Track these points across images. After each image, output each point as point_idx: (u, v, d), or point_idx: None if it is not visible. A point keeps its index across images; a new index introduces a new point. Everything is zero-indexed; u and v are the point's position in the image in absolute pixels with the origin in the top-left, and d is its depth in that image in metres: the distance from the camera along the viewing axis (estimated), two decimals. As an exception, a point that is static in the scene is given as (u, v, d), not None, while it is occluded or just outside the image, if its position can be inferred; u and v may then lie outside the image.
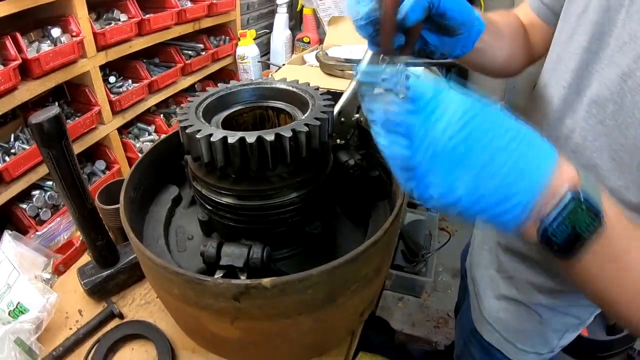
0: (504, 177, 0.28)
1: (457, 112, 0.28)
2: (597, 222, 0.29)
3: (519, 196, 0.28)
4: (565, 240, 0.29)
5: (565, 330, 0.67)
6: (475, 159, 0.28)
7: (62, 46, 0.78)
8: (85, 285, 0.64)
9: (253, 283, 0.38)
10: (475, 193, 0.29)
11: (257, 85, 0.56)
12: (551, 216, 0.28)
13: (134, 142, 1.00)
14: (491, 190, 0.29)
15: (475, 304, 0.77)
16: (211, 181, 0.48)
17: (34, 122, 0.51)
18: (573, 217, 0.28)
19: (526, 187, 0.28)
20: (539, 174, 0.29)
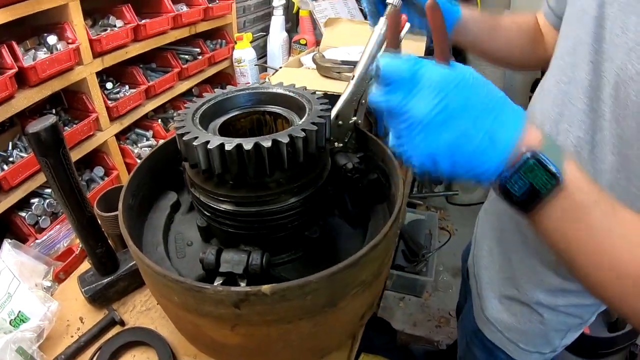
0: (476, 148, 0.32)
1: (434, 86, 0.32)
2: (553, 180, 0.32)
3: (488, 163, 0.33)
4: (523, 194, 0.33)
5: (568, 330, 0.67)
6: (451, 131, 0.32)
7: (59, 53, 0.78)
8: (85, 293, 0.64)
9: (253, 290, 0.38)
10: (450, 162, 0.33)
11: (253, 90, 0.56)
12: (510, 172, 0.32)
13: (132, 147, 1.00)
14: (463, 159, 0.33)
15: (478, 304, 0.77)
16: (209, 188, 0.48)
17: (31, 132, 0.51)
18: (530, 174, 0.32)
19: (495, 155, 0.32)
20: (506, 142, 0.32)
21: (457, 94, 0.32)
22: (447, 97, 0.31)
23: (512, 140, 0.33)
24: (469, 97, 0.32)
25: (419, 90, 0.32)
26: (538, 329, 0.66)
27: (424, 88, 0.32)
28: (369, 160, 0.63)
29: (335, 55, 1.04)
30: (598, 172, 0.48)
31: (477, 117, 0.32)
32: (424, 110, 0.32)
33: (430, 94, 0.32)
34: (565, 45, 0.53)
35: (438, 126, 0.32)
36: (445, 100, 0.31)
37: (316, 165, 0.50)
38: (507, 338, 0.71)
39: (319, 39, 1.42)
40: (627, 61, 0.41)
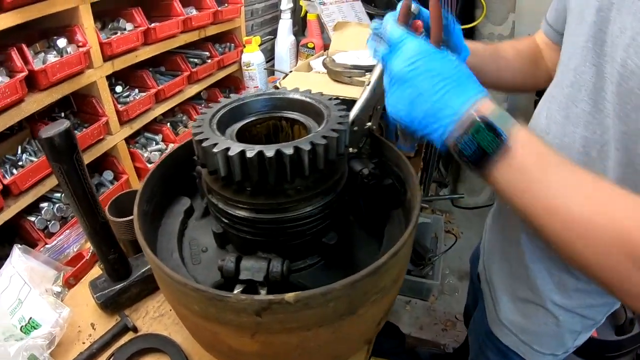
0: (430, 107, 0.39)
1: (410, 53, 0.41)
2: (499, 142, 0.36)
3: (438, 122, 0.39)
4: (473, 154, 0.37)
5: (580, 332, 0.67)
6: (413, 89, 0.40)
7: (69, 57, 0.77)
8: (98, 299, 0.64)
9: (276, 299, 0.38)
10: (410, 115, 0.41)
11: (270, 96, 0.56)
12: (460, 134, 0.38)
13: (141, 151, 1.00)
14: (421, 115, 0.40)
15: (491, 307, 0.77)
16: (227, 194, 0.48)
17: (44, 137, 0.51)
18: (477, 136, 0.37)
19: (445, 116, 0.39)
20: (458, 106, 0.38)
21: (425, 62, 0.40)
22: (416, 62, 0.40)
23: (464, 105, 0.38)
24: (435, 67, 0.40)
25: (400, 53, 0.41)
26: (552, 330, 0.67)
27: (404, 52, 0.41)
28: (383, 166, 0.63)
29: (345, 60, 1.04)
30: (608, 169, 0.49)
31: (437, 83, 0.39)
32: (396, 67, 0.41)
33: (405, 56, 0.41)
34: (568, 52, 0.55)
35: (404, 82, 0.41)
36: (415, 64, 0.40)
37: (335, 172, 0.50)
38: (521, 340, 0.71)
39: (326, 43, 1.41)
40: (627, 57, 0.43)
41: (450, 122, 0.39)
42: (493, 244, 0.78)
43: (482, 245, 0.88)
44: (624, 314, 1.27)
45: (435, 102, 0.39)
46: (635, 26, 0.42)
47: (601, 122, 0.49)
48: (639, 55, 0.41)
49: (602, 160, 0.50)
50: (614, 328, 1.29)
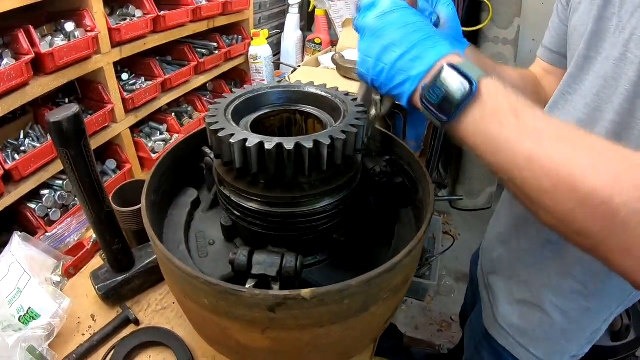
0: (400, 57, 0.38)
1: (385, 4, 0.41)
2: (467, 85, 0.34)
3: (408, 73, 0.38)
4: (440, 100, 0.36)
5: (579, 342, 0.67)
6: (383, 38, 0.39)
7: (77, 41, 0.75)
8: (99, 290, 0.63)
9: (292, 294, 0.37)
10: (377, 66, 0.40)
11: (285, 88, 0.55)
12: (427, 82, 0.37)
13: (145, 141, 0.98)
14: (389, 66, 0.39)
15: (489, 309, 0.78)
16: (241, 186, 0.47)
17: (52, 121, 0.49)
18: (445, 82, 0.35)
19: (415, 66, 0.37)
20: (428, 59, 0.37)
21: (400, 14, 0.40)
22: (392, 12, 0.40)
23: (434, 58, 0.37)
24: (409, 20, 0.39)
25: (375, 6, 0.41)
26: (549, 334, 0.67)
27: (379, 5, 0.41)
28: (394, 164, 0.62)
29: (354, 56, 1.03)
30: None
31: (410, 34, 0.38)
32: (370, 17, 0.41)
33: (380, 8, 0.41)
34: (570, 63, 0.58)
35: (375, 31, 0.40)
36: (389, 14, 0.40)
37: (351, 168, 0.49)
38: (517, 342, 0.71)
39: (333, 39, 1.41)
40: (627, 50, 0.46)
41: (420, 73, 0.37)
42: (491, 247, 0.79)
43: (482, 249, 0.89)
44: (620, 320, 1.28)
45: (405, 52, 0.38)
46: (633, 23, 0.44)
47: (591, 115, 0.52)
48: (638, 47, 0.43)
49: None
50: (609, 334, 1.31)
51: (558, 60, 0.70)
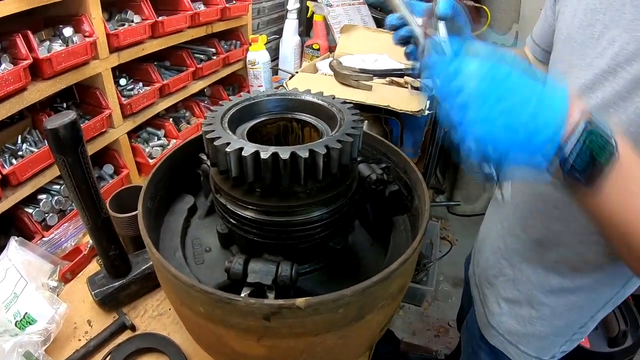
0: (532, 111, 0.32)
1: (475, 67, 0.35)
2: (610, 145, 0.32)
3: (547, 128, 0.32)
4: (585, 166, 0.32)
5: (567, 338, 0.69)
6: (502, 101, 0.33)
7: (75, 46, 0.76)
8: (96, 296, 0.63)
9: (287, 303, 0.37)
10: (507, 134, 0.33)
11: (282, 96, 0.56)
12: (571, 143, 0.32)
13: (143, 146, 0.98)
14: (521, 127, 0.32)
15: (481, 309, 0.80)
16: (237, 195, 0.47)
17: (49, 128, 0.49)
18: (589, 143, 0.32)
19: (551, 121, 0.32)
20: (559, 103, 0.33)
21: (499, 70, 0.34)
22: (491, 72, 0.34)
23: (564, 101, 0.33)
24: (509, 71, 0.34)
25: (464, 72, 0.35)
26: (538, 330, 0.69)
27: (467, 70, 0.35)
28: (390, 171, 0.63)
29: (351, 63, 1.04)
30: None
31: (523, 85, 0.34)
32: (474, 84, 0.34)
33: (473, 73, 0.35)
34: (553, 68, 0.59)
35: (486, 97, 0.34)
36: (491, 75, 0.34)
37: (347, 177, 0.50)
38: (507, 341, 0.73)
39: (331, 45, 1.41)
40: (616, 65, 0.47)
41: (559, 124, 0.32)
42: (481, 247, 0.81)
43: (473, 250, 0.90)
44: (617, 325, 1.28)
45: (535, 105, 0.33)
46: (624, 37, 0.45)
47: None
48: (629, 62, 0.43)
49: None
50: (606, 340, 1.31)
51: (540, 53, 0.71)
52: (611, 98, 0.48)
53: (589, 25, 0.52)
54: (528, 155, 0.33)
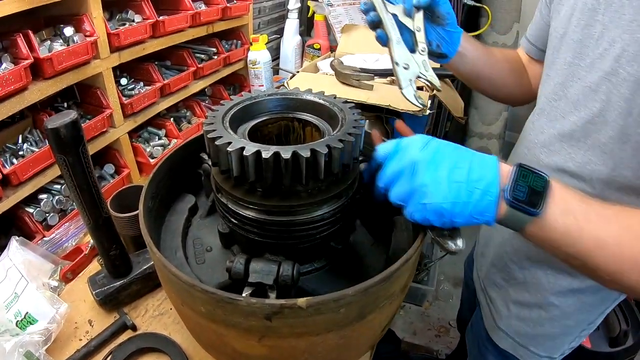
0: (470, 170, 0.38)
1: (418, 139, 0.41)
2: (543, 177, 0.39)
3: (486, 179, 0.38)
4: (526, 195, 0.38)
5: (577, 334, 0.69)
6: (445, 162, 0.39)
7: (76, 46, 0.76)
8: (97, 296, 0.63)
9: (288, 303, 0.37)
10: (453, 185, 0.38)
11: (283, 96, 0.56)
12: (510, 182, 0.38)
13: (144, 146, 0.98)
14: (464, 180, 0.38)
15: (488, 313, 0.79)
16: (238, 194, 0.47)
17: (50, 127, 0.49)
18: (525, 178, 0.38)
19: (487, 173, 0.38)
20: (491, 164, 0.39)
21: (437, 143, 0.41)
22: (430, 144, 0.41)
23: (494, 162, 0.39)
24: (447, 144, 0.41)
25: (408, 147, 0.41)
26: (548, 331, 0.69)
27: (411, 145, 0.41)
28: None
29: (352, 62, 1.03)
30: None
31: (460, 152, 0.40)
32: (413, 154, 0.40)
33: (415, 146, 0.41)
34: (551, 66, 0.59)
35: (432, 161, 0.39)
36: (431, 145, 0.40)
37: (349, 176, 0.49)
38: (517, 343, 0.73)
39: (332, 45, 1.41)
40: (618, 66, 0.47)
41: (494, 177, 0.38)
42: (485, 251, 0.80)
43: (475, 254, 0.89)
44: (618, 325, 1.28)
45: (472, 165, 0.39)
46: (625, 38, 0.46)
47: (584, 127, 0.54)
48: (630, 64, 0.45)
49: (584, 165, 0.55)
50: (607, 340, 1.31)
51: (535, 52, 0.72)
52: (615, 100, 0.48)
53: (587, 24, 0.52)
54: (476, 203, 0.38)
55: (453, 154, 0.40)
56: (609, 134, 0.50)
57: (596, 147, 0.53)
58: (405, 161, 0.40)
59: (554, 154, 0.59)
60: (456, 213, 0.39)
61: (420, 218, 0.40)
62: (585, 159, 0.54)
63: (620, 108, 0.48)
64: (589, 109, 0.52)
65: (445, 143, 0.41)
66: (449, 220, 0.39)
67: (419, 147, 0.40)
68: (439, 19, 0.62)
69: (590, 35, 0.51)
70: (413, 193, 0.40)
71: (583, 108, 0.53)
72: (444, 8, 0.60)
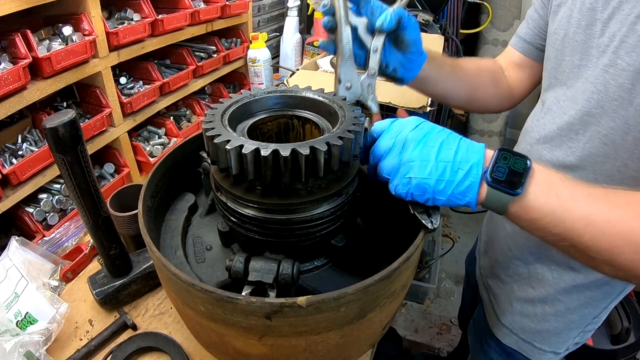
0: (457, 150, 0.40)
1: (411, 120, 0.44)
2: (523, 159, 0.39)
3: (470, 161, 0.40)
4: (506, 175, 0.39)
5: (581, 329, 0.69)
6: (432, 142, 0.41)
7: (74, 45, 0.75)
8: (97, 295, 0.62)
9: (288, 302, 0.37)
10: (440, 164, 0.40)
11: (282, 93, 0.55)
12: (490, 164, 0.39)
13: (144, 145, 0.98)
14: (451, 160, 0.40)
15: (491, 310, 0.79)
16: (237, 193, 0.47)
17: (48, 127, 0.49)
18: (505, 160, 0.39)
19: (473, 155, 0.40)
20: (477, 147, 0.41)
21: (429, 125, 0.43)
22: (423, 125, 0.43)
23: (480, 146, 0.41)
24: (438, 127, 0.43)
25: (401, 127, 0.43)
26: (553, 326, 0.69)
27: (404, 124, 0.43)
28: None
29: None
30: None
31: (449, 135, 0.42)
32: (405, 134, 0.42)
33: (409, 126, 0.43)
34: (557, 68, 0.59)
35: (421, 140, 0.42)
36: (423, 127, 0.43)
37: (348, 174, 0.49)
38: (522, 339, 0.73)
39: (332, 42, 1.40)
40: (617, 57, 0.48)
41: (479, 159, 0.40)
42: (488, 249, 0.80)
43: (478, 252, 0.89)
44: (620, 323, 1.28)
45: (459, 147, 0.40)
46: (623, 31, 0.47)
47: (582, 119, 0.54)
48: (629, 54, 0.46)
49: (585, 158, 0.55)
50: (609, 337, 1.30)
51: (531, 52, 0.71)
52: (613, 90, 0.48)
53: (588, 24, 0.52)
54: (459, 183, 0.40)
55: (442, 135, 0.42)
56: (609, 125, 0.50)
57: (595, 139, 0.52)
58: (396, 137, 0.43)
59: (555, 149, 0.59)
60: (439, 190, 0.40)
61: (404, 192, 0.42)
62: (586, 152, 0.54)
63: (621, 98, 0.48)
64: (587, 102, 0.52)
65: (437, 126, 0.43)
66: (431, 196, 0.41)
67: (411, 126, 0.42)
68: (402, 44, 0.58)
69: (593, 35, 0.51)
70: (400, 167, 0.42)
71: (580, 101, 0.53)
72: (411, 35, 0.56)
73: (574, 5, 0.54)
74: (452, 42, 1.58)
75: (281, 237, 0.48)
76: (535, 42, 0.70)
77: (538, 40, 0.69)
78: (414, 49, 0.59)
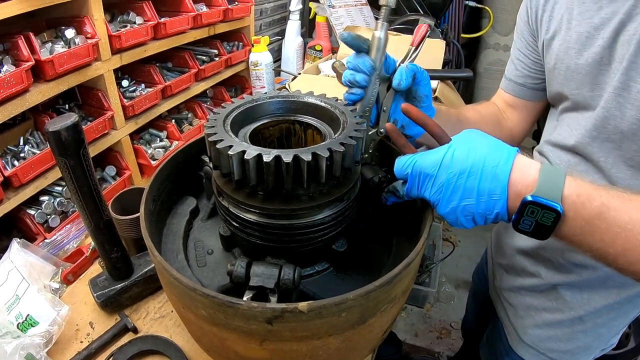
0: (477, 207, 0.41)
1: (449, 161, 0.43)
2: (554, 214, 0.37)
3: (494, 211, 0.41)
4: (534, 229, 0.39)
5: (607, 338, 0.69)
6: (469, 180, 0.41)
7: (77, 48, 0.76)
8: (98, 298, 0.63)
9: (289, 307, 0.37)
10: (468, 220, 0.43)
11: (284, 98, 0.55)
12: (516, 216, 0.39)
13: (145, 148, 0.98)
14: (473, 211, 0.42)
15: (511, 329, 0.77)
16: (239, 198, 0.47)
17: (51, 130, 0.49)
18: (532, 215, 0.38)
19: (497, 207, 0.40)
20: (500, 198, 0.40)
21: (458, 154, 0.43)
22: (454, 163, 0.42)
23: (504, 176, 0.39)
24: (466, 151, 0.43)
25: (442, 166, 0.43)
26: (582, 343, 0.68)
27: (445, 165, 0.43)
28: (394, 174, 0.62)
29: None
30: None
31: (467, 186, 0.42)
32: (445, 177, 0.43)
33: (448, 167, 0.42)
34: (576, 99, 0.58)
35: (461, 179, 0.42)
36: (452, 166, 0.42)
37: (350, 180, 0.49)
38: (548, 358, 0.72)
39: (334, 46, 1.41)
40: (628, 79, 0.47)
41: (503, 200, 0.40)
42: (516, 265, 0.76)
43: (491, 270, 0.86)
44: (619, 329, 1.27)
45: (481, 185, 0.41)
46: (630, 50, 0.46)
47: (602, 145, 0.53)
48: None
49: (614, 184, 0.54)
50: (609, 342, 1.30)
51: (524, 92, 0.71)
52: (634, 114, 0.48)
53: (590, 52, 0.51)
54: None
55: (459, 182, 0.42)
56: (632, 148, 0.50)
57: (620, 164, 0.52)
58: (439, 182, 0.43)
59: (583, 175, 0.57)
60: None
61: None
62: (613, 178, 0.54)
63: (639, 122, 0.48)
64: (604, 128, 0.53)
65: (452, 172, 0.42)
66: None
67: (448, 172, 0.42)
68: (414, 100, 0.58)
69: (600, 62, 0.51)
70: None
71: (597, 129, 0.54)
72: (423, 90, 0.56)
73: (569, 35, 0.54)
74: (454, 46, 1.59)
75: (283, 242, 0.48)
76: (526, 82, 0.69)
77: (529, 81, 0.68)
78: (425, 104, 0.58)
